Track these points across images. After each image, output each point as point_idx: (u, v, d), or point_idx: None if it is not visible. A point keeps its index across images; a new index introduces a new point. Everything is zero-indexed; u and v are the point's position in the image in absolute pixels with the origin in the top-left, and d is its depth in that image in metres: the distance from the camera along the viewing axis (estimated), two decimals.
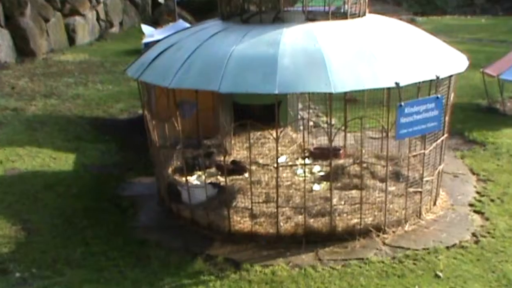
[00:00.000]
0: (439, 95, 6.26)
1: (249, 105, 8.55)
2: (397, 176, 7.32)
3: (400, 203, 6.69)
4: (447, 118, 6.84)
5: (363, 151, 7.64)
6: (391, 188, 6.98)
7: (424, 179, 6.74)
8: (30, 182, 8.07)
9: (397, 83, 5.72)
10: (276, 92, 5.55)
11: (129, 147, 9.76)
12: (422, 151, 6.62)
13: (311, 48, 5.92)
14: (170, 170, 7.65)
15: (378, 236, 6.35)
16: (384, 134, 6.69)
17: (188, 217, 6.84)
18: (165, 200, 7.32)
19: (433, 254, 6.05)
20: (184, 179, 6.94)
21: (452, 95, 6.89)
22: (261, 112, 8.29)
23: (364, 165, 7.27)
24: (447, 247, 6.19)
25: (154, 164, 7.58)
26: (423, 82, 6.14)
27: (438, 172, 7.07)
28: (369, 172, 7.43)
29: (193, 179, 7.69)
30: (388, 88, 6.26)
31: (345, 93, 7.80)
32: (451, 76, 6.54)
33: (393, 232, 6.45)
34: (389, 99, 6.46)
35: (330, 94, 5.78)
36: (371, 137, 9.02)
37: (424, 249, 6.16)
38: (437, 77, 6.08)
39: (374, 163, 7.49)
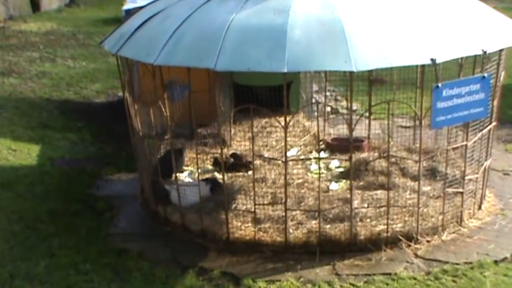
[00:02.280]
0: (486, 74, 6.25)
1: (252, 87, 8.58)
2: (433, 174, 7.33)
3: (437, 206, 6.70)
4: (495, 103, 6.83)
5: (391, 142, 7.66)
6: (426, 188, 6.99)
7: (467, 178, 6.75)
8: None
9: (433, 60, 5.71)
10: (285, 70, 5.55)
11: (107, 137, 9.80)
12: (464, 143, 6.62)
13: (327, 17, 5.91)
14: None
15: (409, 246, 6.37)
16: (417, 122, 6.68)
17: (177, 222, 6.87)
18: (149, 201, 7.35)
19: (478, 270, 6.07)
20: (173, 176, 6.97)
21: (502, 74, 6.88)
22: (267, 95, 8.36)
23: (392, 159, 7.28)
24: (495, 262, 6.20)
25: (137, 158, 7.61)
26: (466, 58, 6.13)
27: (484, 169, 7.07)
28: (398, 168, 7.43)
29: (184, 176, 7.73)
30: (422, 66, 6.24)
31: (370, 72, 7.88)
32: (501, 50, 6.52)
33: (428, 242, 6.47)
34: (424, 79, 6.43)
35: (351, 73, 5.77)
36: (401, 125, 9.04)
37: (466, 263, 6.17)
38: (484, 52, 6.06)
39: (404, 157, 7.50)
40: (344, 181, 7.43)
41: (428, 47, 5.81)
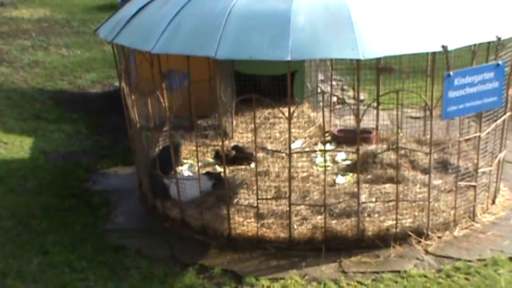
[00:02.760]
0: (500, 62, 6.22)
1: (255, 76, 8.57)
2: (444, 167, 7.31)
3: (448, 200, 6.69)
4: (510, 92, 6.81)
5: (400, 134, 7.64)
6: (437, 182, 6.98)
7: (480, 170, 6.73)
8: None
9: (444, 47, 5.68)
10: (289, 58, 5.53)
11: (103, 129, 9.81)
12: (477, 134, 6.60)
13: (333, 2, 5.88)
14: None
15: (419, 242, 6.36)
16: (428, 113, 6.66)
17: (177, 217, 6.88)
18: (147, 196, 7.36)
19: (492, 267, 6.05)
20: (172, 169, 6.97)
21: None
22: (270, 84, 8.34)
23: (402, 152, 7.27)
24: (510, 258, 6.19)
25: (134, 151, 7.61)
26: (480, 44, 6.10)
27: (498, 162, 7.05)
28: (408, 161, 7.42)
29: (183, 169, 7.72)
30: (433, 53, 6.23)
31: (378, 60, 7.86)
32: None
33: (439, 237, 6.46)
34: (434, 67, 6.42)
35: (358, 61, 5.75)
36: (411, 116, 9.01)
37: (479, 260, 6.16)
38: (498, 39, 6.04)
39: (414, 149, 7.49)
40: (351, 174, 7.42)
41: (439, 34, 5.78)
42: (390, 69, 8.20)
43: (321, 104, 8.97)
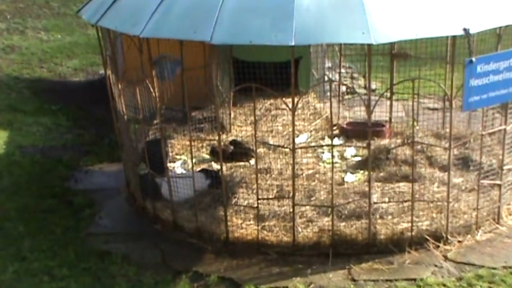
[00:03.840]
0: None
1: (255, 63, 8.55)
2: (465, 163, 7.31)
3: (470, 201, 6.69)
4: None
5: (417, 127, 7.62)
6: (457, 180, 6.97)
7: (505, 168, 6.72)
8: None
9: (466, 30, 5.67)
10: (293, 43, 5.51)
11: (86, 122, 9.81)
12: (502, 127, 6.59)
13: None
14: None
15: (437, 247, 6.36)
16: (447, 103, 6.64)
17: (169, 219, 6.88)
18: (136, 195, 7.35)
19: None
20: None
21: None
22: (272, 72, 8.34)
23: (418, 147, 7.25)
24: None
25: (121, 146, 7.61)
26: (505, 27, 6.08)
27: None
28: (425, 157, 7.42)
29: (176, 166, 7.72)
30: (453, 37, 6.20)
31: (392, 44, 7.84)
32: None
33: (459, 242, 6.46)
34: (455, 53, 6.39)
35: (370, 46, 5.74)
36: (428, 107, 9.00)
37: (505, 267, 6.15)
38: None
39: (432, 144, 7.48)
40: (361, 172, 7.42)
41: (460, 15, 5.76)
42: (405, 55, 8.19)
43: (328, 94, 8.94)
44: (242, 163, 7.67)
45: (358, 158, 7.82)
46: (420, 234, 6.37)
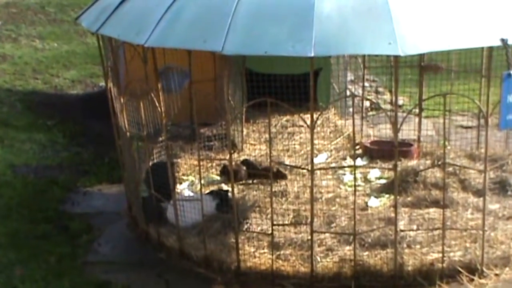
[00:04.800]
0: None
1: (270, 75, 8.58)
2: (502, 188, 7.29)
3: (508, 229, 6.67)
4: None
5: (448, 147, 7.61)
6: (493, 207, 6.95)
7: None
8: None
9: (504, 40, 5.67)
10: (312, 54, 5.53)
11: (85, 139, 9.84)
12: None
13: None
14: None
15: (471, 281, 6.30)
16: (482, 121, 6.64)
17: (174, 247, 6.88)
18: (138, 220, 7.37)
19: None
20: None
21: None
22: (289, 86, 8.34)
23: (450, 169, 7.24)
24: None
25: (123, 165, 7.63)
26: None
27: None
28: (458, 180, 7.41)
29: (183, 188, 7.73)
30: (490, 48, 6.20)
31: (421, 56, 7.84)
32: None
33: (496, 275, 6.40)
34: (491, 65, 6.39)
35: (397, 57, 5.75)
36: (461, 125, 8.99)
37: None
38: None
39: (465, 166, 7.47)
40: (386, 196, 7.41)
41: (497, 25, 5.76)
42: (436, 68, 8.20)
43: (350, 110, 8.97)
44: (255, 185, 7.68)
45: (383, 181, 7.81)
46: (452, 265, 6.33)
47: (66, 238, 7.36)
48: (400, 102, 10.04)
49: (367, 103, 9.60)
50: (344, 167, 8.06)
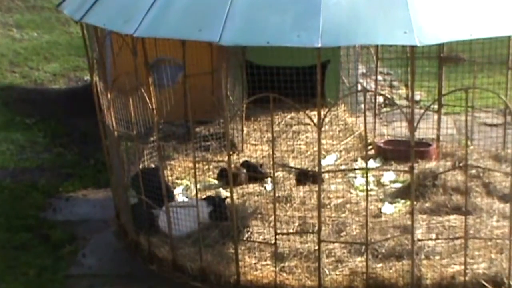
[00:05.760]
0: None
1: (273, 68, 8.58)
2: None
3: None
4: None
5: (471, 147, 7.60)
6: None
7: None
8: None
9: None
10: (319, 45, 5.53)
11: (68, 139, 9.84)
12: None
13: None
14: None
15: None
16: (509, 118, 6.64)
17: (167, 258, 6.88)
18: (128, 229, 7.37)
19: None
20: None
21: None
22: (294, 79, 8.34)
23: (473, 171, 7.24)
24: None
25: (110, 168, 7.64)
26: None
27: None
28: (481, 184, 7.41)
29: (177, 193, 7.73)
30: None
31: (440, 46, 7.83)
32: None
33: None
34: None
35: (413, 48, 5.76)
36: (485, 123, 8.98)
37: None
38: None
39: (490, 168, 7.46)
40: (402, 201, 7.41)
41: None
42: (457, 59, 8.20)
43: (362, 106, 8.97)
44: (256, 189, 7.68)
45: (398, 185, 7.81)
46: (476, 279, 6.32)
47: (47, 249, 7.36)
48: (417, 97, 10.05)
49: (380, 99, 9.59)
50: (355, 169, 8.05)
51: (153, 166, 7.66)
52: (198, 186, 6.93)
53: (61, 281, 6.83)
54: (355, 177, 7.89)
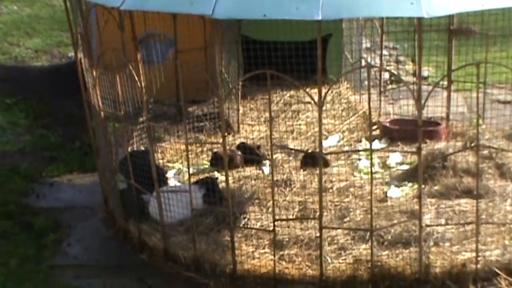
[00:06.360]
0: None
1: (270, 43, 8.57)
2: None
3: None
4: None
5: (483, 126, 7.61)
6: None
7: None
8: None
9: None
10: (319, 18, 5.52)
11: (51, 120, 9.83)
12: None
13: None
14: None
15: (510, 285, 6.33)
16: None
17: (158, 246, 6.89)
18: (116, 216, 7.38)
19: None
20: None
21: None
22: (293, 55, 8.34)
23: (485, 152, 7.24)
24: None
25: (97, 151, 7.64)
26: None
27: None
28: (494, 165, 7.44)
29: (169, 177, 7.74)
30: None
31: (449, 18, 7.80)
32: None
33: None
34: None
35: (420, 20, 5.76)
36: (498, 100, 8.98)
37: None
38: None
39: (503, 149, 7.48)
40: (409, 185, 7.42)
41: None
42: (468, 32, 8.19)
43: (366, 83, 8.96)
44: (254, 172, 7.69)
45: (405, 167, 7.83)
46: (488, 266, 6.33)
47: (30, 237, 7.37)
48: (425, 73, 10.06)
49: (385, 75, 9.59)
50: (359, 151, 8.06)
51: (142, 148, 7.66)
52: (191, 169, 6.93)
53: (45, 272, 6.83)
54: (359, 159, 7.90)
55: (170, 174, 7.89)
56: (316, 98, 5.98)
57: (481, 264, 6.30)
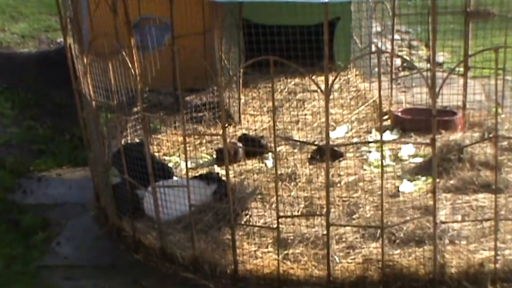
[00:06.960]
0: None
1: (274, 28, 8.57)
2: None
3: None
4: None
5: (502, 115, 7.60)
6: None
7: None
8: None
9: None
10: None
11: (39, 110, 9.84)
12: None
13: None
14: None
15: None
16: None
17: (154, 246, 6.90)
18: (109, 213, 7.39)
19: None
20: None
21: None
22: (298, 40, 8.33)
23: (504, 143, 7.24)
24: None
25: (88, 143, 7.64)
26: None
27: None
28: None
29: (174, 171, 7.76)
30: None
31: None
32: None
33: None
34: None
35: (435, 1, 5.75)
36: None
37: None
38: None
39: None
40: (423, 179, 7.43)
41: None
42: (486, 14, 8.18)
43: (376, 70, 8.97)
44: (257, 165, 7.70)
45: (419, 160, 7.84)
46: (507, 266, 6.33)
47: (17, 236, 7.39)
48: (440, 58, 10.05)
49: (397, 61, 9.58)
50: (369, 142, 8.06)
51: (137, 140, 7.67)
52: (189, 163, 6.94)
53: (33, 273, 6.83)
54: (369, 152, 7.91)
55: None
56: (322, 86, 5.98)
57: (500, 264, 6.29)
